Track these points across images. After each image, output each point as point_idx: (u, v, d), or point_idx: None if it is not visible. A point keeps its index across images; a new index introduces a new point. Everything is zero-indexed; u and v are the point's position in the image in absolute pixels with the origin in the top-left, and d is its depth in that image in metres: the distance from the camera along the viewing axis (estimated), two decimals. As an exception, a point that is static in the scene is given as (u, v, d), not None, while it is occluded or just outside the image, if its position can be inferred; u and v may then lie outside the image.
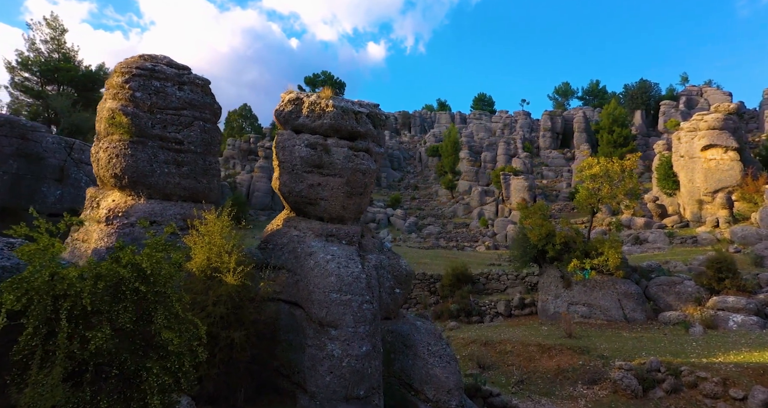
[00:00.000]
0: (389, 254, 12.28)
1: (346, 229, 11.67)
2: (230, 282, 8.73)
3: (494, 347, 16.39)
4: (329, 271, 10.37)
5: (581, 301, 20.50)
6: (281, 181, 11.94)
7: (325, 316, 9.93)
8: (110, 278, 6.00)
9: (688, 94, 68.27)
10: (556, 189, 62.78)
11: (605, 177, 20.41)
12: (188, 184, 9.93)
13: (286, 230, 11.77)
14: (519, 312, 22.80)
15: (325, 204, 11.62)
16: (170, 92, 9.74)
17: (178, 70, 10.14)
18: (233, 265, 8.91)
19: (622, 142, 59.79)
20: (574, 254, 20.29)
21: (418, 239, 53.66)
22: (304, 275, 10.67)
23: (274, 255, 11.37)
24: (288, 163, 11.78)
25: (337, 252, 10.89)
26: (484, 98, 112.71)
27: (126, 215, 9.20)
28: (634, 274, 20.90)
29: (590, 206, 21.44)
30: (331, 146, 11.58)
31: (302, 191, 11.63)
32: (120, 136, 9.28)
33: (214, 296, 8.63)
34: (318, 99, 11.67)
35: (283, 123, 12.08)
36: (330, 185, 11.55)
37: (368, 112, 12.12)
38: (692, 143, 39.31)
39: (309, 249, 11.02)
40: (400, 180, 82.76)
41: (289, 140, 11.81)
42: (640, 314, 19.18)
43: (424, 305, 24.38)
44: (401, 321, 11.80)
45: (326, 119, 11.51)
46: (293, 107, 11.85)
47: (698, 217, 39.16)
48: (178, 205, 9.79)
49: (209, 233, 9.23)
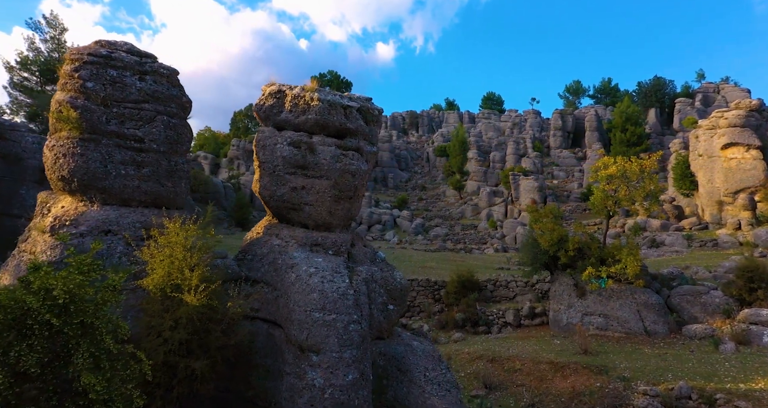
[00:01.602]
0: (382, 265, 10.96)
1: (333, 238, 10.38)
2: (191, 302, 7.48)
3: (502, 364, 15.01)
4: (312, 286, 9.09)
5: (596, 311, 19.04)
6: (261, 183, 10.69)
7: (305, 339, 8.65)
8: (12, 309, 4.76)
9: (705, 92, 66.05)
10: (567, 189, 61.06)
11: (622, 178, 18.90)
12: (149, 188, 8.70)
13: (267, 239, 10.51)
14: (529, 322, 21.38)
15: (309, 209, 10.35)
16: (129, 83, 8.52)
17: (140, 57, 8.92)
18: (195, 282, 7.66)
19: (635, 141, 57.93)
20: (589, 261, 18.83)
21: (424, 241, 52.27)
22: (284, 291, 9.41)
23: (252, 267, 10.12)
24: (269, 164, 10.53)
25: (321, 264, 9.61)
26: (493, 97, 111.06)
27: (75, 224, 7.99)
28: (654, 283, 19.37)
29: (606, 209, 19.94)
30: (317, 145, 10.31)
31: (284, 195, 10.37)
32: (68, 133, 8.08)
33: (171, 319, 7.39)
34: (302, 92, 10.40)
35: (264, 119, 10.83)
36: (315, 188, 10.27)
37: (359, 107, 10.83)
38: (711, 141, 37.53)
39: (290, 260, 9.76)
40: (407, 180, 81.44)
41: (270, 138, 10.56)
42: (662, 327, 17.65)
43: (428, 314, 23.04)
44: (395, 341, 10.48)
45: (311, 114, 10.23)
46: (275, 101, 10.59)
47: (718, 219, 37.37)
48: (138, 212, 8.56)
49: (171, 244, 8.00)
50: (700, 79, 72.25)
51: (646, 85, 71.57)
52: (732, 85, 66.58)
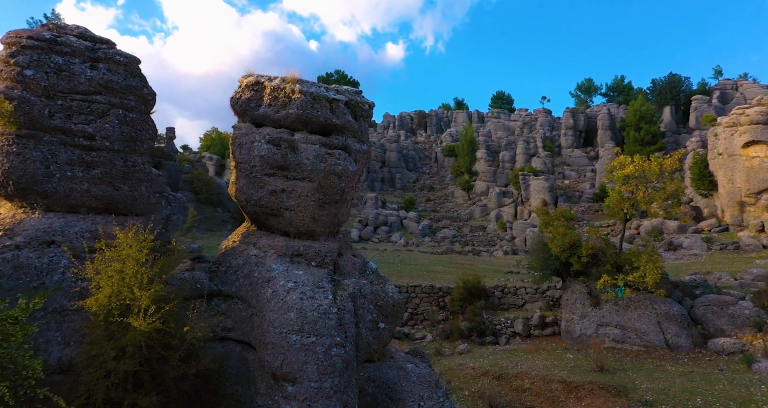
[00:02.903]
0: (373, 278, 9.78)
1: (317, 247, 9.22)
2: (140, 327, 6.36)
3: (509, 382, 13.74)
4: (289, 303, 7.95)
5: (613, 322, 17.67)
6: (237, 186, 9.58)
7: (280, 366, 7.51)
8: None
9: (722, 88, 63.93)
10: (579, 190, 59.41)
11: (640, 178, 17.49)
12: (102, 192, 7.59)
13: (243, 248, 9.38)
14: (539, 332, 20.05)
15: (290, 215, 9.20)
16: (78, 71, 7.42)
17: (94, 43, 7.82)
18: (146, 303, 6.54)
19: (650, 139, 56.09)
20: (604, 268, 17.50)
21: (431, 243, 50.99)
22: (259, 308, 8.28)
23: (226, 280, 8.99)
24: (246, 164, 9.41)
25: (302, 278, 8.46)
26: (503, 96, 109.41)
27: (9, 234, 6.92)
28: (675, 291, 17.95)
29: (622, 212, 18.54)
30: (299, 142, 9.16)
31: (262, 199, 9.23)
32: (3, 129, 7.00)
33: (115, 348, 6.28)
34: (282, 83, 9.26)
35: (241, 114, 9.71)
36: (297, 191, 9.12)
37: (347, 100, 9.65)
38: (732, 140, 35.81)
39: (267, 273, 8.62)
40: (415, 181, 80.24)
41: (247, 135, 9.44)
42: (685, 340, 16.25)
43: (432, 322, 21.84)
44: (387, 364, 9.29)
45: (292, 109, 9.09)
46: (252, 94, 9.46)
47: (739, 221, 35.64)
48: (88, 220, 7.46)
49: (122, 258, 6.90)
50: (718, 76, 70.06)
51: (661, 82, 69.53)
52: (751, 82, 64.40)
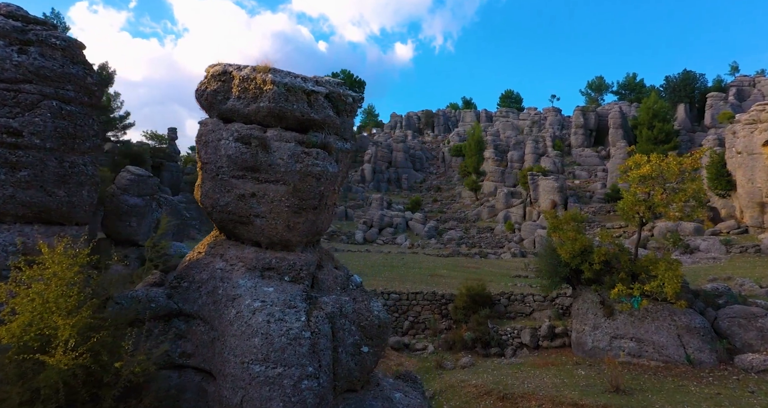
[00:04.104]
0: (357, 294, 8.59)
1: (291, 260, 8.05)
2: (58, 364, 5.23)
3: (515, 404, 12.49)
4: (253, 327, 6.80)
5: (628, 334, 16.34)
6: (202, 190, 8.44)
7: (240, 403, 6.36)
8: None
9: (739, 85, 61.87)
10: (590, 190, 57.80)
11: (658, 179, 16.12)
12: (30, 198, 6.49)
13: (209, 261, 8.23)
14: (548, 344, 18.75)
15: (261, 223, 8.04)
16: (2, 55, 6.33)
17: (25, 23, 6.73)
18: (68, 334, 5.41)
19: (663, 138, 54.31)
20: (618, 276, 16.16)
21: (437, 245, 49.76)
22: (222, 332, 7.14)
23: (188, 298, 7.86)
24: (211, 165, 8.27)
25: (271, 296, 7.30)
26: (512, 95, 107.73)
27: None
28: (696, 301, 16.55)
29: (637, 216, 17.17)
30: (272, 140, 8.00)
31: (229, 205, 8.09)
32: None
33: (23, 391, 5.15)
34: (252, 73, 8.10)
35: (208, 108, 8.58)
36: (269, 196, 7.97)
37: (327, 93, 8.48)
38: (751, 138, 34.16)
39: (233, 291, 7.48)
40: (421, 181, 79.06)
41: (214, 132, 8.30)
42: (709, 356, 14.87)
43: (434, 331, 20.63)
44: (371, 393, 8.10)
45: (264, 102, 7.92)
46: (219, 85, 8.32)
47: (759, 222, 34.00)
48: (14, 230, 6.36)
49: (46, 277, 5.79)
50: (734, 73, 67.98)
51: (675, 79, 67.59)
52: (769, 78, 62.30)
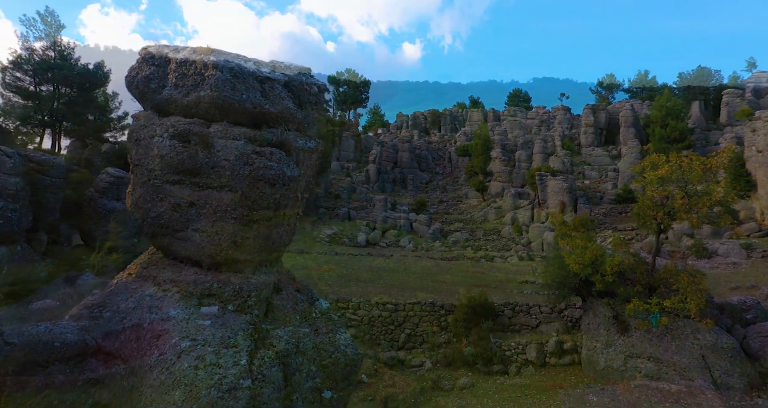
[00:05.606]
0: (320, 323, 7.13)
1: (237, 284, 6.62)
2: None
3: (517, 438, 10.98)
4: (176, 376, 5.38)
5: (645, 353, 14.74)
6: (133, 198, 7.04)
7: (151, 474, 4.94)
8: None
9: (757, 82, 59.48)
10: (600, 190, 55.80)
11: (679, 181, 14.49)
12: None
13: (138, 285, 6.82)
14: (556, 361, 17.19)
15: (202, 239, 6.62)
16: None
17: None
18: None
19: (676, 136, 52.26)
20: (634, 289, 14.56)
21: (442, 248, 48.13)
22: (141, 379, 5.73)
23: (109, 331, 6.44)
24: (143, 168, 6.88)
25: (206, 332, 5.89)
26: (520, 94, 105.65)
27: None
28: (722, 317, 14.91)
29: (655, 222, 15.53)
30: (215, 137, 6.59)
31: (163, 216, 6.68)
32: None
33: None
34: (192, 55, 6.70)
35: (141, 99, 7.19)
36: (211, 205, 6.56)
37: (287, 81, 7.05)
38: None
39: (160, 324, 6.07)
40: (427, 182, 77.42)
41: (146, 128, 6.91)
42: (739, 380, 13.24)
43: (432, 345, 19.13)
44: (335, 448, 6.65)
45: (205, 90, 6.51)
46: (152, 70, 6.91)
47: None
48: None
49: None
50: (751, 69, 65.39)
51: (689, 76, 65.35)
52: (788, 74, 59.83)
